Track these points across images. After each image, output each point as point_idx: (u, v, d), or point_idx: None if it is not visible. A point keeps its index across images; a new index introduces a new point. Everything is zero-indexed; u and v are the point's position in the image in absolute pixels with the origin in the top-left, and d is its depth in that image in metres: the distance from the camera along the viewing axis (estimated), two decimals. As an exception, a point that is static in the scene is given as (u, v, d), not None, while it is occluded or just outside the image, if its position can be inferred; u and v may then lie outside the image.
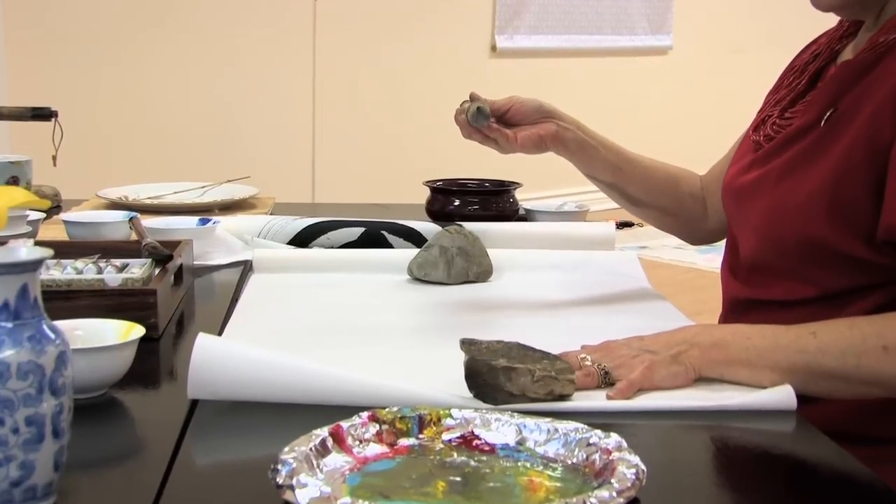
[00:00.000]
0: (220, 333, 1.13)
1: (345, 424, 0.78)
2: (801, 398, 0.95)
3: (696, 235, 1.48)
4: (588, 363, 0.98)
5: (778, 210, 1.12)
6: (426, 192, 1.82)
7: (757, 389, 0.96)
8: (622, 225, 4.88)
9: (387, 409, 0.80)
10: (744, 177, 1.21)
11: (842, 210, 1.06)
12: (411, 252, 1.45)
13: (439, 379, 0.94)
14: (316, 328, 1.20)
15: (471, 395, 0.92)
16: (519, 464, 0.77)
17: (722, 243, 1.34)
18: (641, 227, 4.73)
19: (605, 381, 0.96)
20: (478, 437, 0.80)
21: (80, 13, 4.02)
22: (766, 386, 0.96)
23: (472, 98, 1.30)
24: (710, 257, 4.34)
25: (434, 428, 0.80)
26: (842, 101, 1.09)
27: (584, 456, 0.76)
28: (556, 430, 0.79)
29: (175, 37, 4.25)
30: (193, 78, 4.31)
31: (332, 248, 1.57)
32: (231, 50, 4.38)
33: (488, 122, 1.29)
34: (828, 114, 1.10)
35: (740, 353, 0.98)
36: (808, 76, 1.21)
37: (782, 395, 0.94)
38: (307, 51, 4.59)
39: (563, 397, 0.92)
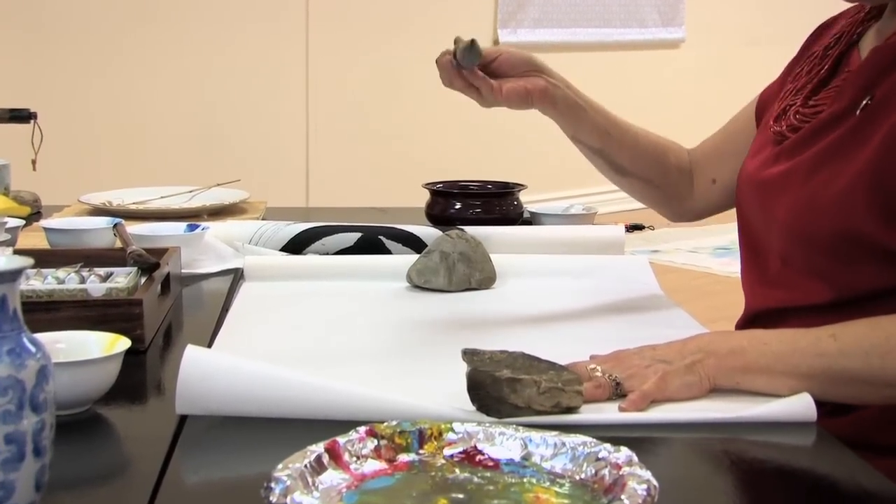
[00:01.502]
0: (209, 345, 1.13)
1: (341, 440, 0.78)
2: (823, 406, 0.95)
3: (679, 211, 1.48)
4: (598, 374, 0.98)
5: (810, 203, 1.11)
6: (426, 195, 1.82)
7: (775, 399, 0.96)
8: (632, 228, 4.88)
9: (385, 424, 0.81)
10: (770, 170, 1.20)
11: (883, 201, 1.06)
12: (410, 258, 1.45)
13: (440, 391, 0.94)
14: (310, 339, 1.20)
15: (473, 408, 0.92)
16: (524, 480, 0.77)
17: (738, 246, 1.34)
18: (653, 230, 4.73)
19: (617, 392, 0.97)
20: (481, 453, 0.80)
21: (59, 9, 4.03)
22: (785, 393, 0.96)
23: (458, 41, 1.25)
24: (726, 261, 4.35)
25: (435, 443, 0.81)
26: (878, 88, 1.10)
27: (593, 471, 0.76)
28: (564, 444, 0.79)
29: (161, 33, 4.25)
30: (180, 76, 4.31)
31: (326, 254, 1.57)
32: (219, 46, 4.39)
33: (478, 61, 1.24)
34: (864, 102, 1.10)
35: (758, 359, 0.98)
36: (831, 61, 1.21)
37: (801, 406, 0.94)
38: (300, 46, 4.60)
39: (571, 410, 0.92)
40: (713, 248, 4.68)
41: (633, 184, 1.45)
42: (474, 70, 1.25)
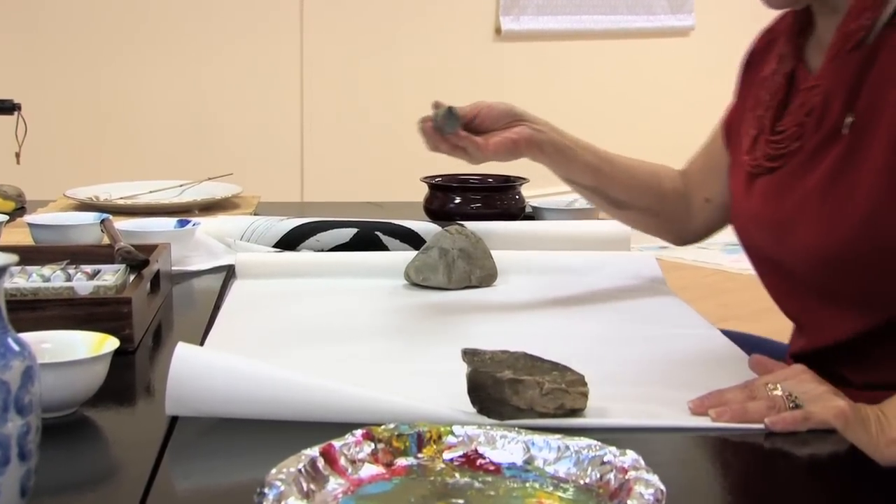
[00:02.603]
0: (200, 345, 1.14)
1: (337, 443, 0.78)
2: None
3: (682, 235, 1.49)
4: (778, 392, 0.95)
5: (833, 228, 1.10)
6: (424, 189, 1.82)
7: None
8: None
9: (382, 427, 0.81)
10: (774, 207, 1.19)
11: None
12: (408, 255, 1.45)
13: (439, 393, 0.95)
14: (305, 338, 1.20)
15: (474, 410, 0.92)
16: (527, 485, 0.77)
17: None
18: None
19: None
20: (482, 456, 0.80)
21: (45, -4, 4.03)
22: None
23: (437, 106, 1.29)
24: (738, 258, 4.35)
25: (434, 446, 0.81)
26: (857, 102, 1.10)
27: (598, 475, 0.76)
28: (567, 447, 0.79)
29: (150, 22, 4.25)
30: (170, 66, 4.31)
31: (321, 251, 1.57)
32: (211, 35, 4.39)
33: (460, 126, 1.27)
34: (848, 121, 1.10)
35: None
36: (783, 80, 1.22)
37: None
38: (294, 35, 4.59)
39: (575, 412, 0.93)
40: (724, 244, 4.68)
41: (631, 215, 1.46)
42: (457, 131, 1.28)
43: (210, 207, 1.92)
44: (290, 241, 1.58)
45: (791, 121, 1.18)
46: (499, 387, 0.91)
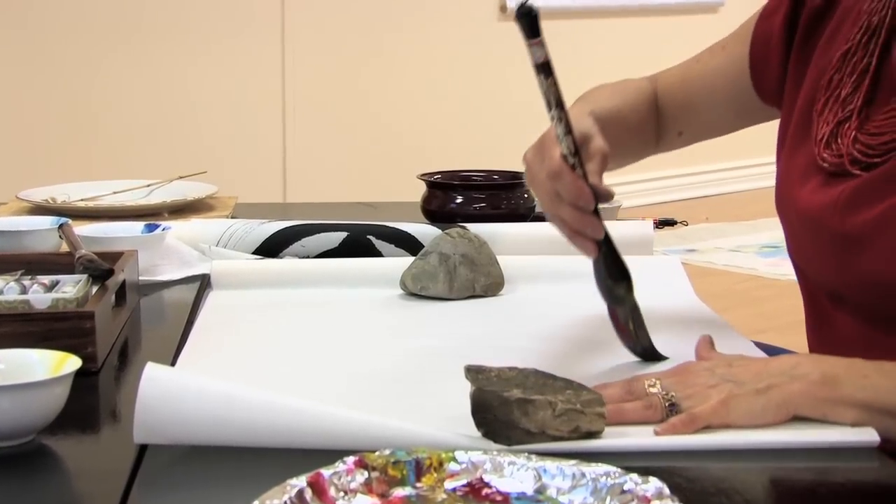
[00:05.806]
0: (172, 364, 1.14)
1: (326, 472, 0.78)
2: None
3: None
4: (655, 390, 0.98)
5: None
6: (422, 188, 1.83)
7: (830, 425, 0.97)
8: (662, 224, 4.87)
9: (377, 453, 0.81)
10: (841, 220, 1.14)
11: None
12: (405, 261, 1.46)
13: (440, 415, 0.95)
14: (289, 356, 1.21)
15: (479, 433, 0.93)
16: (538, 516, 0.78)
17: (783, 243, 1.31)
18: (686, 225, 4.72)
19: (672, 414, 0.96)
20: (488, 485, 0.81)
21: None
22: (882, 434, 0.96)
23: None
24: (775, 262, 4.35)
25: (435, 474, 0.81)
26: None
27: (618, 506, 0.77)
28: (583, 474, 0.80)
29: (109, 5, 4.25)
30: (134, 53, 4.31)
31: (307, 257, 1.58)
32: (182, 22, 4.39)
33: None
34: None
35: (855, 392, 0.96)
36: (878, 48, 1.14)
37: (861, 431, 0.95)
38: (275, 14, 4.60)
39: (592, 435, 0.93)
40: (759, 246, 4.68)
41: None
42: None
43: (181, 210, 1.92)
44: (271, 247, 1.59)
45: (884, 123, 1.12)
46: (506, 407, 0.91)
